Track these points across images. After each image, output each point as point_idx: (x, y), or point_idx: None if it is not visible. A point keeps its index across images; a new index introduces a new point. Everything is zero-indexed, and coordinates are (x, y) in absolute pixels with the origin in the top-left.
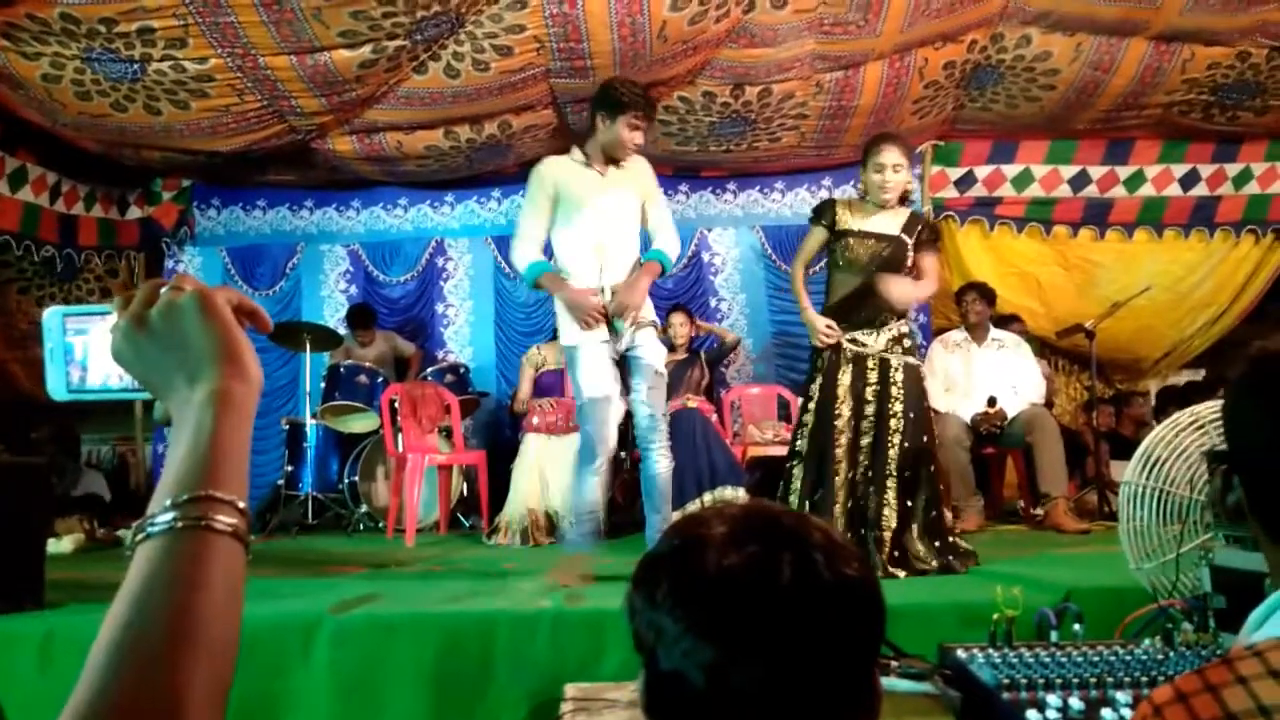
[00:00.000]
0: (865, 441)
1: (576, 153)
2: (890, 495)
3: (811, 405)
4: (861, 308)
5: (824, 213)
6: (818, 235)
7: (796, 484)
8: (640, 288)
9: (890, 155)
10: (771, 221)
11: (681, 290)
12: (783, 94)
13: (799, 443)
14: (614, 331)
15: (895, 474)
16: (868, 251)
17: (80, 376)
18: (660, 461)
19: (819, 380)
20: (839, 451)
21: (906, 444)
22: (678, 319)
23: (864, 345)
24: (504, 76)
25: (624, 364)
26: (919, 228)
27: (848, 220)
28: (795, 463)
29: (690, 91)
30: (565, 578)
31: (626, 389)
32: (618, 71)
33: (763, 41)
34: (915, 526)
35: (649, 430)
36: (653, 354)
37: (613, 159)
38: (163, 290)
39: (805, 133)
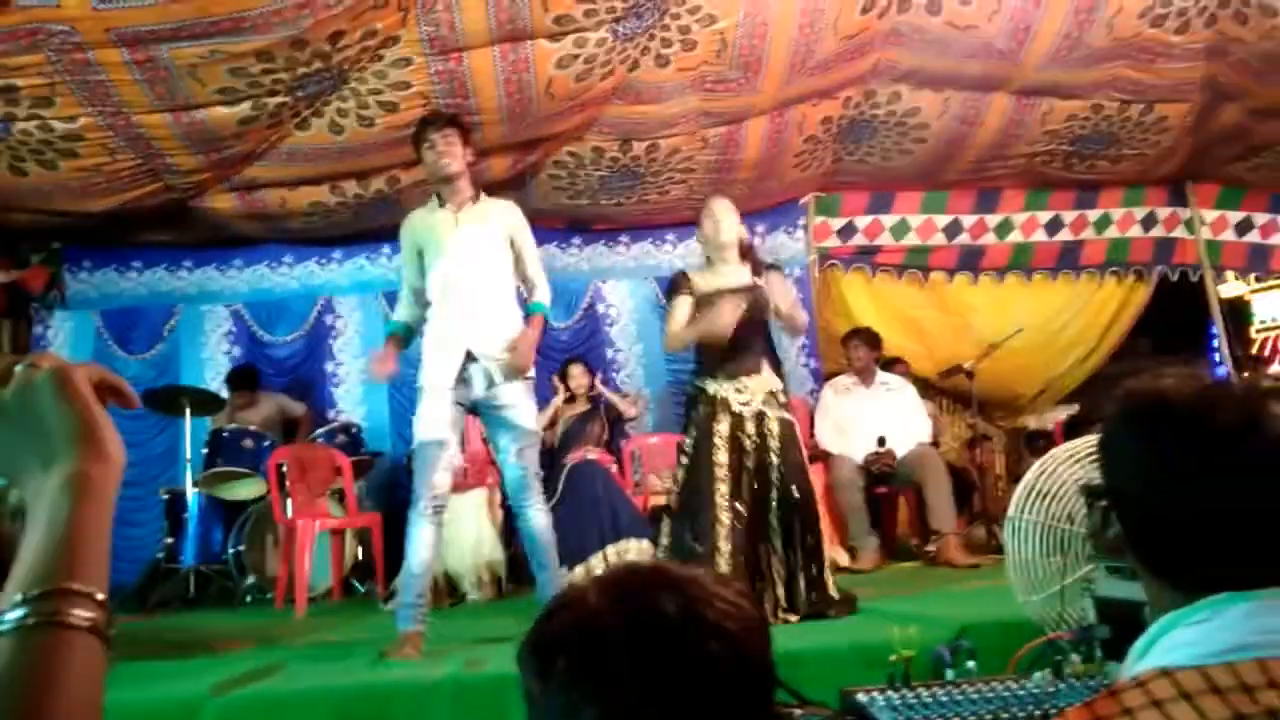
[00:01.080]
0: (744, 493)
1: (434, 199)
2: (777, 544)
3: (685, 459)
4: (736, 359)
5: (681, 284)
6: (685, 305)
7: (665, 537)
8: (527, 346)
9: (719, 207)
10: (665, 272)
11: (578, 342)
12: (670, 149)
13: (670, 496)
14: (463, 381)
15: (779, 526)
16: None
17: None
18: (538, 517)
19: (694, 431)
20: (719, 501)
21: (784, 496)
22: (577, 370)
23: (743, 397)
24: (390, 132)
25: (490, 420)
26: (755, 264)
27: (704, 284)
28: (666, 515)
29: (579, 146)
30: (394, 651)
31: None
32: (505, 127)
33: (648, 98)
34: (801, 576)
35: (522, 489)
36: (523, 411)
37: (465, 197)
38: (17, 368)
39: (693, 185)
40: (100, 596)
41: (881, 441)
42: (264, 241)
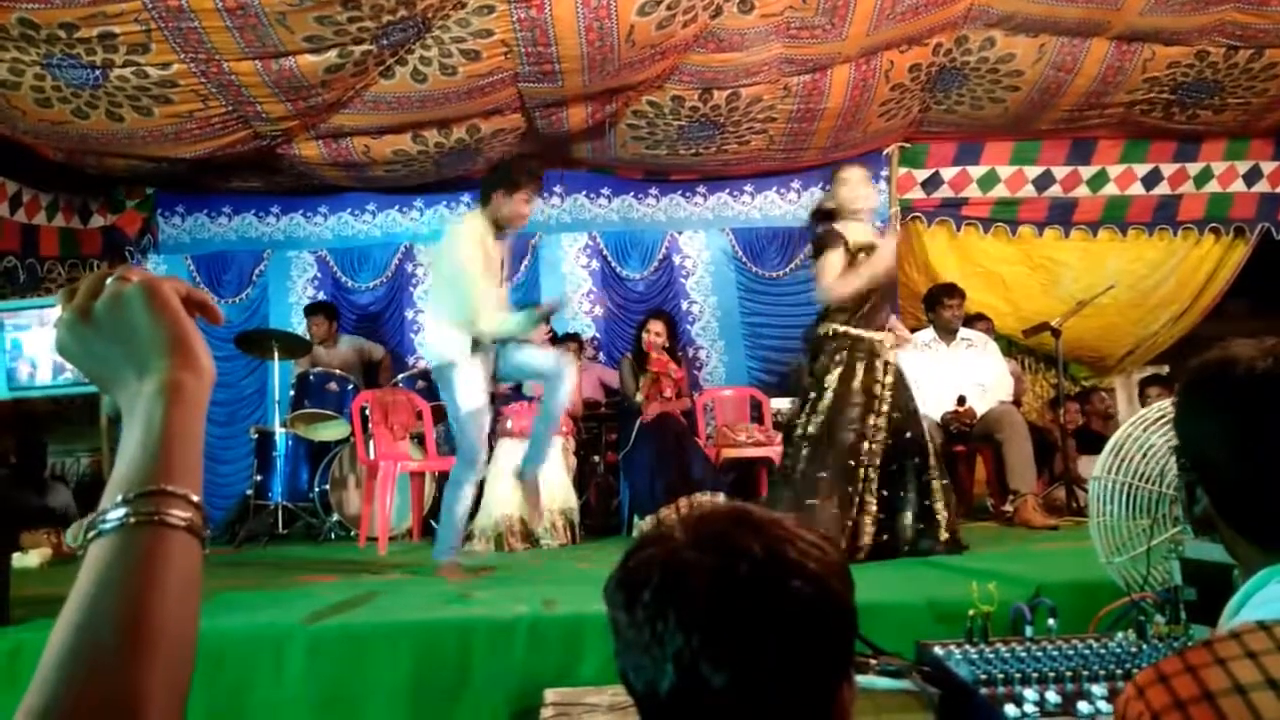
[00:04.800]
0: (869, 434)
1: (491, 225)
2: (873, 485)
3: (828, 393)
4: (876, 311)
5: (836, 238)
6: (839, 258)
7: (801, 463)
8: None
9: (854, 175)
10: (741, 224)
11: (654, 293)
12: (750, 98)
13: (811, 426)
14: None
15: (878, 467)
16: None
17: (26, 373)
18: None
19: (837, 371)
20: (857, 440)
21: (890, 440)
22: (655, 326)
23: (882, 345)
24: (472, 81)
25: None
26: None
27: (854, 238)
28: (804, 443)
29: (659, 96)
30: (453, 575)
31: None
32: (585, 76)
33: (730, 46)
34: (908, 514)
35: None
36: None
37: (502, 229)
38: (108, 281)
39: (773, 136)
40: (195, 498)
41: (961, 400)
42: (348, 189)
